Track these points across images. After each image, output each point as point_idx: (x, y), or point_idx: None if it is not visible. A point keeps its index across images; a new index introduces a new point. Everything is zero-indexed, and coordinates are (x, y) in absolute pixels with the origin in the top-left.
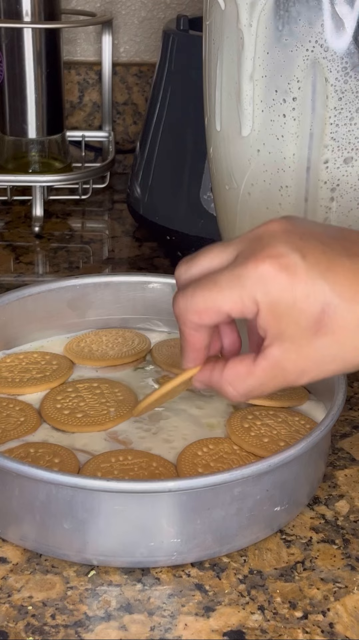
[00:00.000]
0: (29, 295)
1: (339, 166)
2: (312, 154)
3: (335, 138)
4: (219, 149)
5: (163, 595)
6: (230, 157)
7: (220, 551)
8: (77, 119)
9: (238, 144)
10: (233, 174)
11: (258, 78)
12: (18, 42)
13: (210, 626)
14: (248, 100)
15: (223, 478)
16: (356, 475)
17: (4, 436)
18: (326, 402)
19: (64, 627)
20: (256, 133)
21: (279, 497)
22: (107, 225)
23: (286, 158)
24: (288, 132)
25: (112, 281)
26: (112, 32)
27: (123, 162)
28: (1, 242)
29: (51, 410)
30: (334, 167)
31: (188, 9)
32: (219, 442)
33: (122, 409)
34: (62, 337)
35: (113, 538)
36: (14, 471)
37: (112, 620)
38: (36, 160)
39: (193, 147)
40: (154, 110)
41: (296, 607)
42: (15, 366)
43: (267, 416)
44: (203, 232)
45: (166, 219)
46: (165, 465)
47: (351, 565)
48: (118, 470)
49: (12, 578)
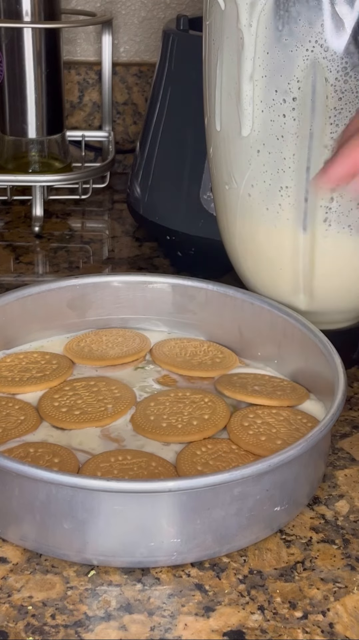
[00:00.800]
0: (29, 295)
1: None
2: (312, 154)
3: (335, 138)
4: (219, 149)
5: (163, 595)
6: (230, 157)
7: (220, 551)
8: (77, 119)
9: (238, 144)
10: (233, 174)
11: (258, 78)
12: (18, 42)
13: (210, 626)
14: (248, 100)
15: (223, 478)
16: (356, 475)
17: (5, 435)
18: (326, 402)
19: (64, 627)
20: (256, 133)
21: (279, 497)
22: (107, 225)
23: (286, 158)
24: (288, 132)
25: (112, 281)
26: (112, 32)
27: (123, 162)
28: (1, 242)
29: (49, 408)
30: None
31: (188, 9)
32: (218, 441)
33: (119, 406)
34: (62, 337)
35: (113, 538)
36: (14, 471)
37: (112, 620)
38: (36, 160)
39: (193, 147)
40: (154, 110)
41: (296, 607)
42: (15, 366)
43: (269, 415)
44: (203, 232)
45: (166, 219)
46: (164, 465)
47: (351, 565)
48: (117, 470)
49: (12, 578)
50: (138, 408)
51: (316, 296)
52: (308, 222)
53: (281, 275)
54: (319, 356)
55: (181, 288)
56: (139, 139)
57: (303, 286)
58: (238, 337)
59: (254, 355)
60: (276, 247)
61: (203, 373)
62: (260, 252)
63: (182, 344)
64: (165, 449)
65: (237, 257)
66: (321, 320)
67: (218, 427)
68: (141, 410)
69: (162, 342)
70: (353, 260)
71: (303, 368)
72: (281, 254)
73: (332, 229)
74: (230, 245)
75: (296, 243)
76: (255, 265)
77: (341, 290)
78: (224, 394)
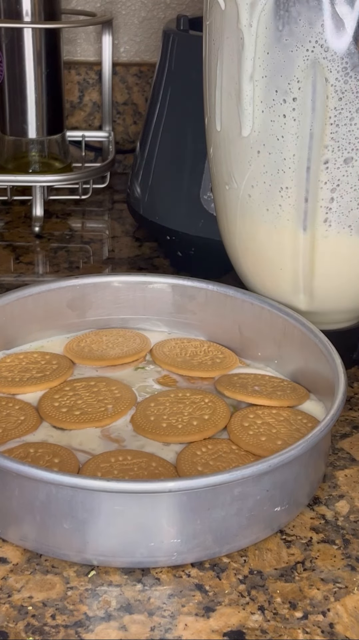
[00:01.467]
0: (29, 295)
1: (340, 166)
2: (312, 154)
3: (335, 138)
4: (219, 149)
5: (163, 596)
6: (230, 157)
7: (220, 551)
8: (77, 119)
9: (238, 145)
10: (233, 175)
11: (258, 78)
12: (18, 42)
13: (210, 626)
14: (248, 100)
15: (223, 478)
16: (356, 475)
17: (5, 435)
18: (327, 402)
19: (64, 627)
20: (257, 134)
21: (279, 497)
22: (107, 225)
23: (286, 159)
24: (288, 133)
25: (112, 281)
26: (112, 32)
27: (123, 162)
28: (1, 242)
29: (49, 409)
30: (334, 168)
31: (188, 9)
32: (218, 441)
33: (119, 406)
34: (62, 337)
35: (114, 538)
36: (14, 471)
37: (112, 620)
38: (36, 160)
39: (193, 147)
40: (154, 110)
41: (296, 607)
42: (15, 366)
43: (269, 415)
44: (203, 232)
45: (166, 219)
46: (164, 465)
47: (351, 566)
48: (118, 470)
49: (12, 578)
50: (138, 408)
51: (316, 296)
52: (308, 222)
53: (282, 276)
54: (319, 356)
55: (181, 288)
56: (139, 139)
57: (303, 286)
58: (238, 337)
59: (254, 356)
60: (277, 248)
61: (204, 373)
62: (260, 252)
63: (182, 344)
64: (165, 449)
65: (237, 257)
66: (321, 321)
67: (218, 427)
68: (141, 411)
69: (162, 342)
70: (353, 261)
71: (303, 368)
72: (281, 254)
73: (332, 229)
74: (230, 245)
75: (296, 243)
76: (255, 266)
77: (341, 291)
78: (224, 394)
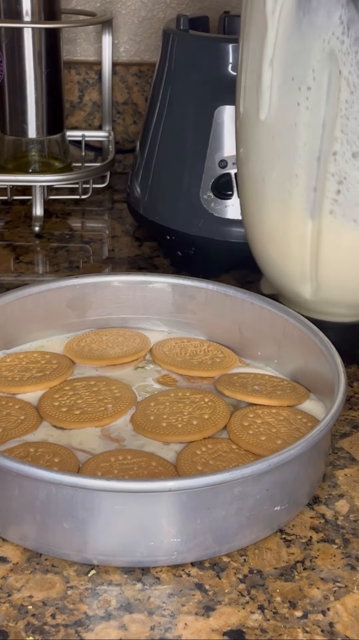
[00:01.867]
0: (29, 295)
1: (348, 160)
2: (323, 145)
3: (345, 131)
4: (239, 131)
5: (163, 595)
6: (248, 140)
7: (220, 551)
8: (77, 118)
9: (256, 128)
10: (249, 156)
11: (277, 64)
12: (18, 42)
13: (210, 626)
14: (266, 85)
15: (223, 477)
16: (356, 475)
17: (5, 435)
18: (326, 402)
19: (64, 627)
20: (272, 119)
21: (279, 496)
22: (107, 225)
23: (298, 147)
24: (301, 121)
25: (112, 281)
26: (112, 32)
27: (123, 162)
28: (1, 242)
29: (49, 408)
30: (342, 160)
31: (188, 8)
32: (218, 441)
33: (119, 406)
34: (62, 336)
35: (113, 537)
36: (14, 471)
37: (112, 619)
38: (36, 160)
39: (193, 147)
40: (154, 110)
41: (296, 606)
42: (15, 365)
43: (269, 414)
44: (203, 231)
45: (166, 218)
46: (164, 465)
47: (351, 565)
48: (118, 469)
49: (12, 577)
50: (138, 408)
51: (321, 285)
52: (316, 211)
53: (290, 262)
54: (319, 356)
55: (181, 288)
56: (139, 139)
57: (310, 274)
58: (238, 336)
59: (254, 355)
60: (285, 234)
61: (203, 373)
62: (270, 235)
63: (182, 344)
64: (165, 448)
65: (253, 239)
66: (327, 312)
67: (218, 426)
68: (141, 410)
69: (162, 342)
70: (354, 254)
71: (303, 368)
72: (289, 241)
73: (337, 221)
74: (248, 228)
75: (304, 231)
76: (267, 249)
77: (345, 282)
78: (224, 393)
